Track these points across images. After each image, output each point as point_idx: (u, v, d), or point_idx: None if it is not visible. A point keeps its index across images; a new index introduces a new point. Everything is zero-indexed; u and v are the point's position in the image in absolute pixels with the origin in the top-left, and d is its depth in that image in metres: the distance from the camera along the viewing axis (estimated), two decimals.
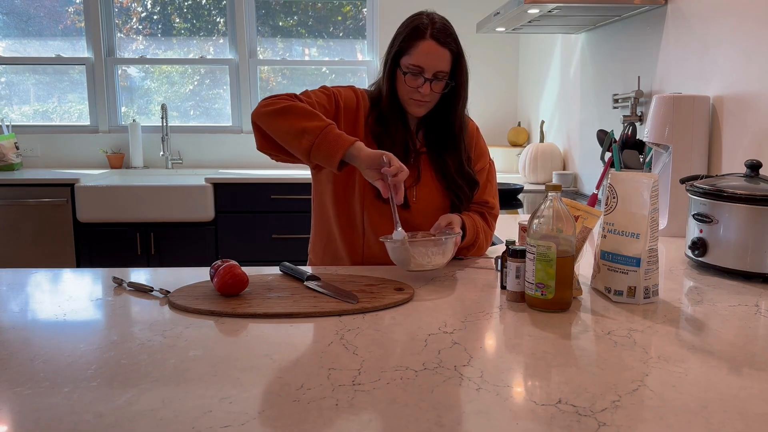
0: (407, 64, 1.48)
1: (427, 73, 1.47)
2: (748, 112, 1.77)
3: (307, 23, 4.13)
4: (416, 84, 1.47)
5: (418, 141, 1.59)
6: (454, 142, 1.57)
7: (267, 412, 0.78)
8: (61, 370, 0.91)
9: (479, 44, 4.01)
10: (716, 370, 0.91)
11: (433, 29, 1.46)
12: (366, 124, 1.55)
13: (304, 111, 1.40)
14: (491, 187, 1.66)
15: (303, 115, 1.40)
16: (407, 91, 1.50)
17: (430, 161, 1.58)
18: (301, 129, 1.38)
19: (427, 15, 1.50)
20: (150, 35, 4.09)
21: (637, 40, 2.44)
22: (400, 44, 1.49)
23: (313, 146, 1.37)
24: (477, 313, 1.17)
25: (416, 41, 1.46)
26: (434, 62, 1.46)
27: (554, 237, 1.15)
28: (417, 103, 1.50)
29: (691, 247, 1.49)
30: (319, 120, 1.39)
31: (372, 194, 1.52)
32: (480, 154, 1.65)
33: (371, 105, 1.57)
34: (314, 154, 1.38)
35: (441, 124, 1.57)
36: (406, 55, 1.48)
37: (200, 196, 3.39)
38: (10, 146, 3.75)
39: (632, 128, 2.22)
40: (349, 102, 1.55)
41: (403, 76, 1.48)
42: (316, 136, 1.36)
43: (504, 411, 0.78)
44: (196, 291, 1.28)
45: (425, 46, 1.46)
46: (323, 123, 1.38)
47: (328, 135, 1.37)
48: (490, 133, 4.11)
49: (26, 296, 1.30)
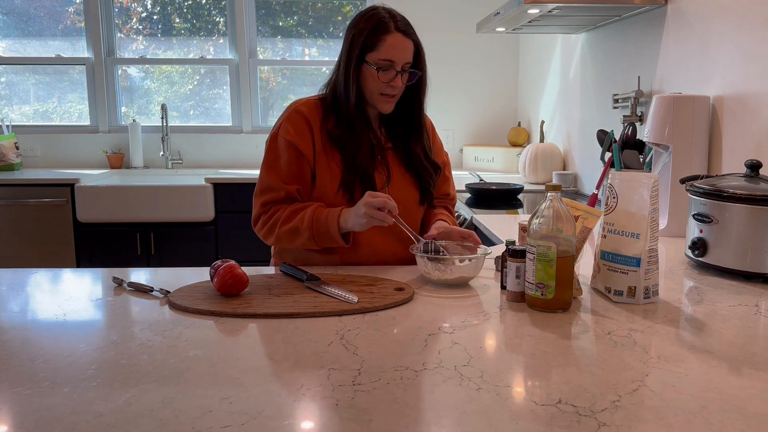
0: (376, 60, 1.49)
1: (397, 65, 1.50)
2: (748, 112, 1.77)
3: (307, 23, 4.13)
4: (388, 78, 1.50)
5: (382, 137, 1.61)
6: (418, 131, 1.62)
7: (267, 412, 0.78)
8: (61, 370, 0.91)
9: (479, 44, 4.01)
10: (716, 370, 0.91)
11: (396, 22, 1.50)
12: (322, 132, 1.54)
13: (287, 232, 1.50)
14: (451, 179, 1.76)
15: (291, 234, 1.50)
16: (377, 87, 1.51)
17: (396, 155, 1.60)
18: (303, 243, 1.50)
19: (384, 9, 1.52)
20: (150, 35, 4.09)
21: (637, 40, 2.44)
22: (365, 41, 1.49)
23: (318, 244, 1.50)
24: (477, 313, 1.17)
25: (382, 35, 1.48)
26: (402, 54, 1.49)
27: (554, 237, 1.15)
28: (386, 99, 1.53)
29: (691, 247, 1.49)
30: (304, 230, 1.48)
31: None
32: (438, 148, 1.71)
33: (325, 111, 1.56)
34: (324, 245, 1.51)
35: (405, 116, 1.60)
36: (374, 51, 1.49)
37: (200, 196, 3.39)
38: (10, 146, 3.75)
39: (632, 128, 2.22)
40: (301, 131, 1.53)
41: (376, 72, 1.49)
42: (313, 239, 1.49)
43: (504, 411, 0.78)
44: (196, 291, 1.28)
45: (393, 39, 1.48)
46: (309, 230, 1.47)
47: (321, 234, 1.48)
48: (490, 133, 4.12)
49: (26, 296, 1.30)
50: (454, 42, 3.99)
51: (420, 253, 1.39)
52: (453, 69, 4.02)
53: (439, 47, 3.92)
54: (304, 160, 1.53)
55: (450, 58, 4.00)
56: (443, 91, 4.02)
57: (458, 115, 4.09)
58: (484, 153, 3.90)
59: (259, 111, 4.09)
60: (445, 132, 3.99)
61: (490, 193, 2.91)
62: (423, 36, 1.57)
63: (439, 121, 2.13)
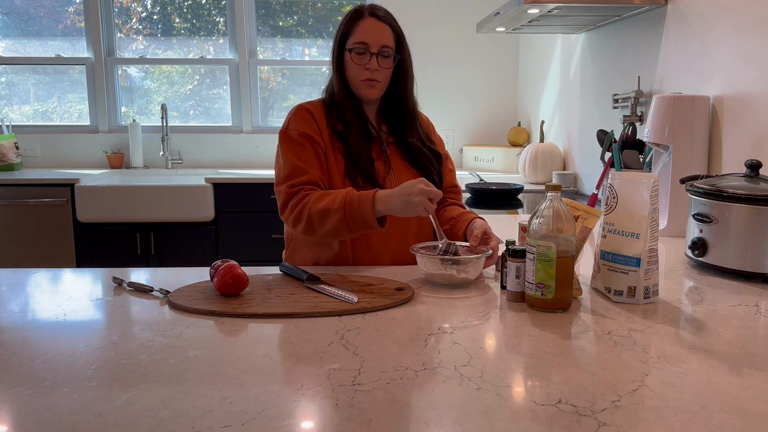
0: (352, 44, 1.56)
1: (372, 47, 1.55)
2: (748, 112, 1.77)
3: (307, 23, 4.13)
4: (363, 61, 1.55)
5: (383, 133, 1.64)
6: (411, 120, 1.65)
7: (267, 412, 0.78)
8: (61, 370, 0.91)
9: (479, 44, 4.01)
10: (716, 370, 0.91)
11: (372, 9, 1.58)
12: (327, 129, 1.59)
13: (319, 212, 1.45)
14: (454, 172, 1.78)
15: (322, 215, 1.45)
16: (357, 72, 1.56)
17: (398, 149, 1.64)
18: (333, 225, 1.44)
19: (368, 4, 1.61)
20: (150, 35, 4.09)
21: (637, 40, 2.44)
22: (343, 29, 1.58)
23: (351, 229, 1.44)
24: (477, 313, 1.17)
25: (357, 21, 1.57)
26: (377, 37, 1.55)
27: (554, 237, 1.15)
28: (368, 83, 1.57)
29: (691, 247, 1.49)
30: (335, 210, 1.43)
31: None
32: (439, 144, 1.74)
33: (327, 110, 1.61)
34: (359, 232, 1.46)
35: (395, 107, 1.65)
36: (350, 37, 1.57)
37: (200, 196, 3.39)
38: (10, 146, 3.74)
39: (632, 128, 2.22)
40: (308, 123, 1.58)
41: (350, 56, 1.55)
42: (345, 222, 1.43)
43: (504, 411, 0.78)
44: (196, 291, 1.28)
45: (365, 23, 1.56)
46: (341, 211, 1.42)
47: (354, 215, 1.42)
48: (490, 133, 4.12)
49: (26, 296, 1.30)
50: (454, 42, 3.99)
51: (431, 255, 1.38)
52: (453, 69, 4.02)
53: (439, 47, 3.92)
54: (318, 147, 1.56)
55: (450, 58, 4.00)
56: (443, 91, 4.02)
57: (458, 115, 4.09)
58: (484, 153, 3.90)
59: (259, 111, 4.09)
60: (445, 132, 3.99)
61: (490, 193, 2.91)
62: (423, 36, 1.60)
63: (439, 121, 2.13)
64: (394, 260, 1.58)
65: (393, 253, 1.58)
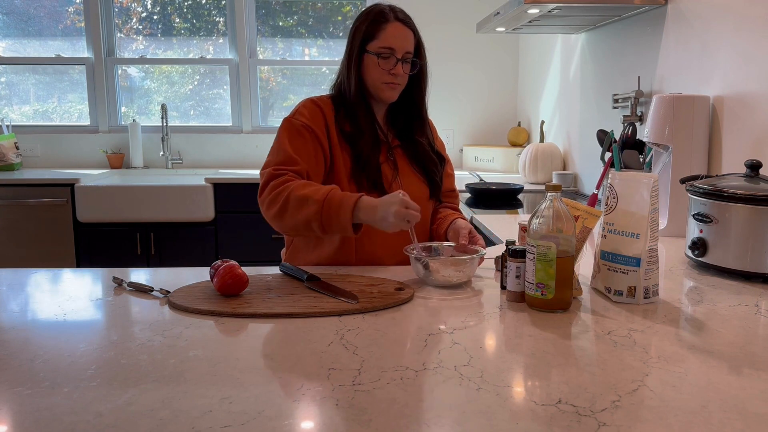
0: (377, 48, 1.53)
1: (398, 53, 1.54)
2: (748, 112, 1.77)
3: (307, 23, 4.13)
4: (389, 66, 1.53)
5: (390, 134, 1.64)
6: (422, 123, 1.66)
7: (267, 412, 0.78)
8: (61, 370, 0.91)
9: (479, 44, 4.01)
10: (716, 370, 0.91)
11: (396, 13, 1.55)
12: (336, 127, 1.57)
13: (297, 199, 1.42)
14: (453, 177, 1.79)
15: (300, 202, 1.42)
16: (379, 75, 1.55)
17: (404, 152, 1.64)
18: (306, 216, 1.41)
19: (386, 4, 1.58)
20: (150, 35, 4.09)
21: (637, 40, 2.44)
22: (366, 30, 1.54)
23: (322, 224, 1.41)
24: (477, 313, 1.17)
25: (382, 24, 1.53)
26: (402, 43, 1.54)
27: (554, 237, 1.15)
28: (390, 86, 1.56)
29: (691, 247, 1.49)
30: (314, 201, 1.40)
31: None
32: (440, 147, 1.74)
33: (335, 106, 1.60)
34: (329, 232, 1.43)
35: (408, 109, 1.64)
36: (375, 40, 1.54)
37: (200, 196, 3.39)
38: (10, 146, 3.74)
39: (632, 128, 2.22)
40: (315, 117, 1.56)
41: (377, 59, 1.53)
42: (320, 215, 1.40)
43: (504, 411, 0.78)
44: (196, 291, 1.28)
45: (393, 27, 1.53)
46: (319, 203, 1.40)
47: (330, 214, 1.40)
48: (490, 133, 4.12)
49: (26, 296, 1.30)
50: (454, 42, 3.99)
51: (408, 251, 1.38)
52: (453, 69, 4.02)
53: (440, 47, 3.92)
54: (317, 143, 1.54)
55: (450, 58, 4.00)
56: (443, 91, 4.02)
57: (458, 115, 4.09)
58: (484, 153, 3.90)
59: (259, 111, 4.09)
60: (445, 132, 3.99)
61: (490, 193, 2.91)
62: (423, 35, 1.61)
63: (439, 121, 2.13)
64: (396, 261, 1.58)
65: (395, 254, 1.58)
